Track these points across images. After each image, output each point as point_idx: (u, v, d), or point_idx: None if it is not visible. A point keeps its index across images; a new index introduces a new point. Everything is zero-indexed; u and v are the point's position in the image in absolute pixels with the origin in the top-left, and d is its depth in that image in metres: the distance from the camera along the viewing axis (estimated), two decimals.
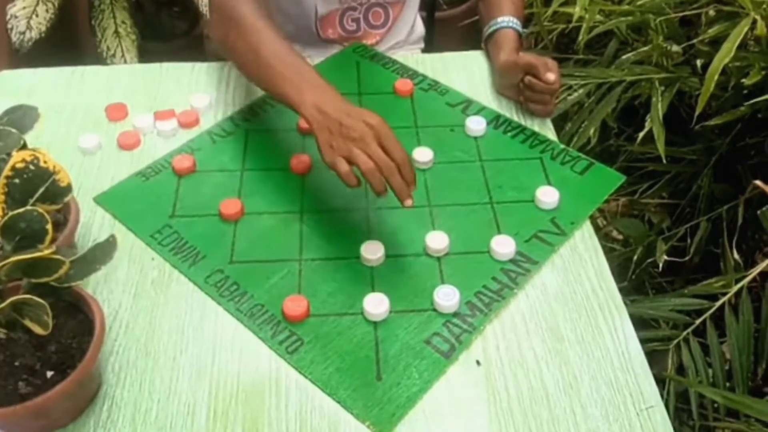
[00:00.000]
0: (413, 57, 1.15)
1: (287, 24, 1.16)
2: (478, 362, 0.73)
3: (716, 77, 1.04)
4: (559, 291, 0.80)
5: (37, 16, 1.57)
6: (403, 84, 1.06)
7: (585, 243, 0.85)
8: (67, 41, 1.78)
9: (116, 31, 1.64)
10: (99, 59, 1.63)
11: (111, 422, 0.67)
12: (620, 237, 1.48)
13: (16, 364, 0.63)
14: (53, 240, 0.58)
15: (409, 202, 0.75)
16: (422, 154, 0.94)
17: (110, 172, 0.93)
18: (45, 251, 0.54)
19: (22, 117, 0.67)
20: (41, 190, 0.58)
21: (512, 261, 0.82)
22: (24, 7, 1.57)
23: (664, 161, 1.24)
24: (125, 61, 1.63)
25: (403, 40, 1.27)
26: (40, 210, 0.56)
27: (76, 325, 0.67)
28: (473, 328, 0.75)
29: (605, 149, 1.45)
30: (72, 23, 1.79)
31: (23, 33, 1.55)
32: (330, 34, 1.18)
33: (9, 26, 1.55)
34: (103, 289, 0.78)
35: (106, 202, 0.88)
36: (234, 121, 1.00)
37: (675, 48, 1.34)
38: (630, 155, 1.43)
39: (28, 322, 0.56)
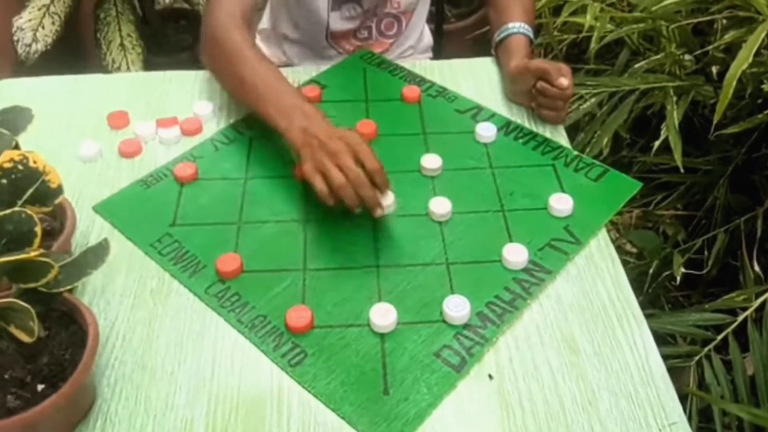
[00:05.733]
0: (421, 64, 1.13)
1: (301, 36, 1.17)
2: (490, 376, 0.69)
3: (734, 84, 1.01)
4: (574, 301, 0.76)
5: (43, 28, 1.56)
6: (411, 91, 1.03)
7: (601, 252, 0.82)
8: (73, 54, 1.77)
9: (122, 44, 1.64)
10: (104, 72, 1.62)
11: None
12: (634, 250, 1.45)
13: (6, 376, 0.60)
14: (41, 245, 0.55)
15: (378, 213, 0.78)
16: (431, 161, 0.91)
17: (110, 180, 0.90)
18: (31, 253, 0.51)
19: (14, 118, 0.64)
20: (30, 191, 0.55)
21: (525, 270, 0.78)
22: (30, 20, 1.56)
23: (682, 171, 1.21)
24: None
25: (413, 47, 1.25)
26: (29, 211, 0.53)
27: (69, 336, 0.64)
28: (485, 340, 0.72)
29: (618, 160, 1.42)
30: (78, 36, 1.79)
31: (29, 45, 1.54)
32: (344, 47, 1.17)
33: (15, 38, 1.54)
34: (100, 300, 0.76)
35: (106, 210, 0.86)
36: (237, 128, 0.98)
37: (688, 56, 1.31)
38: (643, 166, 1.40)
39: (13, 329, 0.53)
